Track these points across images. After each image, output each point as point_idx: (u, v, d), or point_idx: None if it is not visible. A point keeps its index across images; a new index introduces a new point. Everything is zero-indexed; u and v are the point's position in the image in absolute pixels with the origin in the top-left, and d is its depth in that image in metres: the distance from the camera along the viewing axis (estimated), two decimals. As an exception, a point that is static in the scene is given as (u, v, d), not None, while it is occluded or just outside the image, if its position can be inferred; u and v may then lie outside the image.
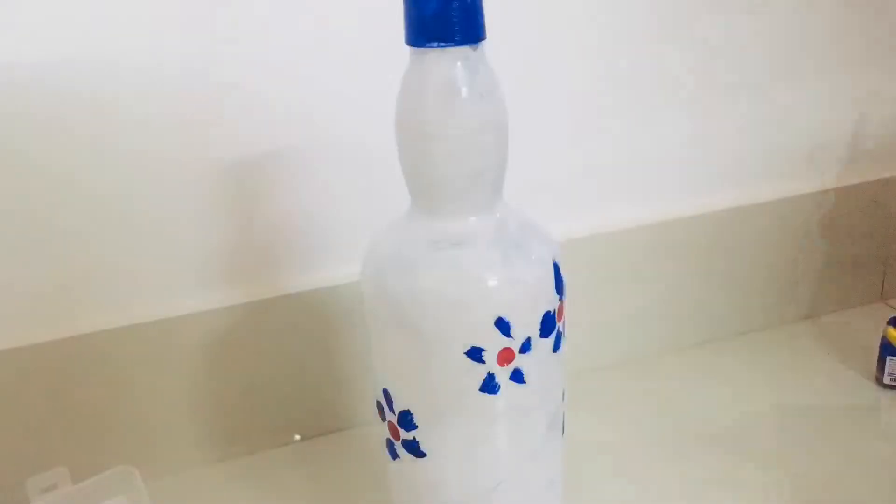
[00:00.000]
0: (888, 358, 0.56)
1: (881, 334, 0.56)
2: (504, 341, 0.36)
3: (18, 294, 0.48)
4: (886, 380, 0.57)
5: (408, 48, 0.34)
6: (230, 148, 0.49)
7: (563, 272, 0.38)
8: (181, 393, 0.51)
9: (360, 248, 0.39)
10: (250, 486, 0.51)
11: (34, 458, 0.48)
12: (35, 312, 0.48)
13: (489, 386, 0.36)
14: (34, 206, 0.46)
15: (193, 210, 0.49)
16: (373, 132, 0.50)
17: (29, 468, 0.43)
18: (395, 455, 0.40)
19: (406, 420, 0.38)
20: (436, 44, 0.33)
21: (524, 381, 0.37)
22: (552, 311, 0.37)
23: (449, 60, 0.33)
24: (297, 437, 0.53)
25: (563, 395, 0.41)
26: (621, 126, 0.57)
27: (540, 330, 0.37)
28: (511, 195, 0.39)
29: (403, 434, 0.38)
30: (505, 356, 0.36)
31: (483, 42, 0.34)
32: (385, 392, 0.38)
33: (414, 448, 0.38)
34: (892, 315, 0.57)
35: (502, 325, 0.35)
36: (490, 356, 0.36)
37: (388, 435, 0.40)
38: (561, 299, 0.38)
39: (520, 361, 0.36)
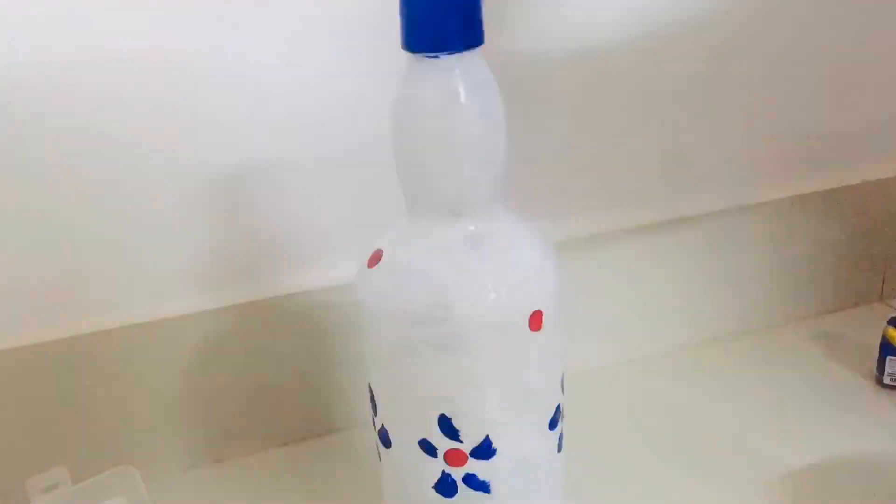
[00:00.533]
0: (888, 358, 0.56)
1: (881, 334, 0.56)
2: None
3: (18, 294, 0.48)
4: (886, 380, 0.57)
5: (406, 54, 0.33)
6: (228, 150, 0.49)
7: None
8: (181, 393, 0.51)
9: (357, 249, 0.39)
10: (250, 487, 0.51)
11: (34, 458, 0.48)
12: (35, 312, 0.48)
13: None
14: (34, 207, 0.46)
15: (191, 211, 0.49)
16: (369, 135, 0.50)
17: (29, 468, 0.43)
18: (451, 492, 0.38)
19: (484, 449, 0.36)
20: (441, 51, 0.32)
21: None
22: None
23: (451, 66, 0.33)
24: None
25: None
26: (622, 126, 0.57)
27: None
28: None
29: (475, 467, 0.37)
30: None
31: (482, 46, 0.33)
32: (444, 420, 0.36)
33: (482, 484, 0.37)
34: (892, 315, 0.57)
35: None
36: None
37: (444, 468, 0.37)
38: None
39: None
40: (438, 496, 0.38)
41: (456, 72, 0.33)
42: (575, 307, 0.58)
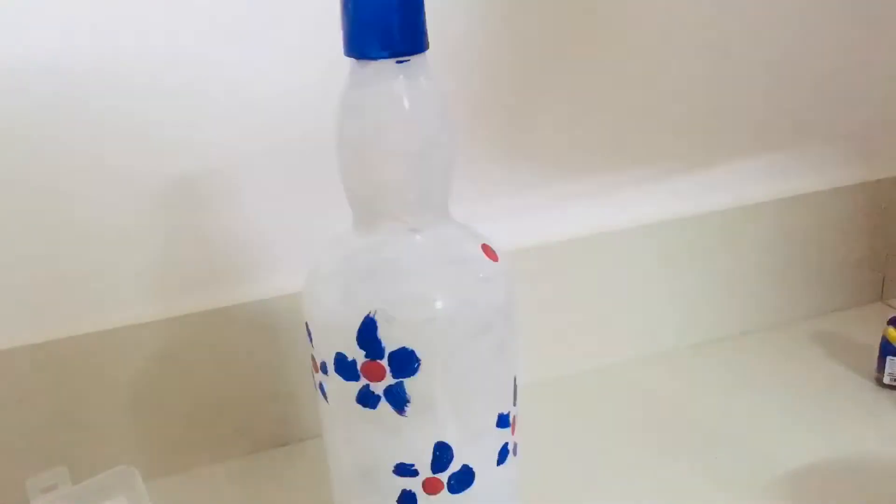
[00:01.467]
0: (888, 358, 0.56)
1: (881, 334, 0.56)
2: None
3: (18, 294, 0.48)
4: (886, 380, 0.57)
5: (348, 59, 0.32)
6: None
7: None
8: (181, 393, 0.51)
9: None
10: (250, 487, 0.51)
11: (34, 458, 0.48)
12: (35, 312, 0.48)
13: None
14: (35, 208, 0.46)
15: (192, 211, 0.49)
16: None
17: (29, 468, 0.43)
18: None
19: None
20: (382, 55, 0.31)
21: None
22: None
23: (394, 72, 0.32)
24: None
25: None
26: (622, 126, 0.57)
27: None
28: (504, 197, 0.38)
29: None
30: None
31: (427, 52, 0.33)
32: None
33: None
34: (892, 315, 0.57)
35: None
36: None
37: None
38: None
39: None
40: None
41: (399, 78, 0.32)
42: (573, 306, 0.59)
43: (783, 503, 0.47)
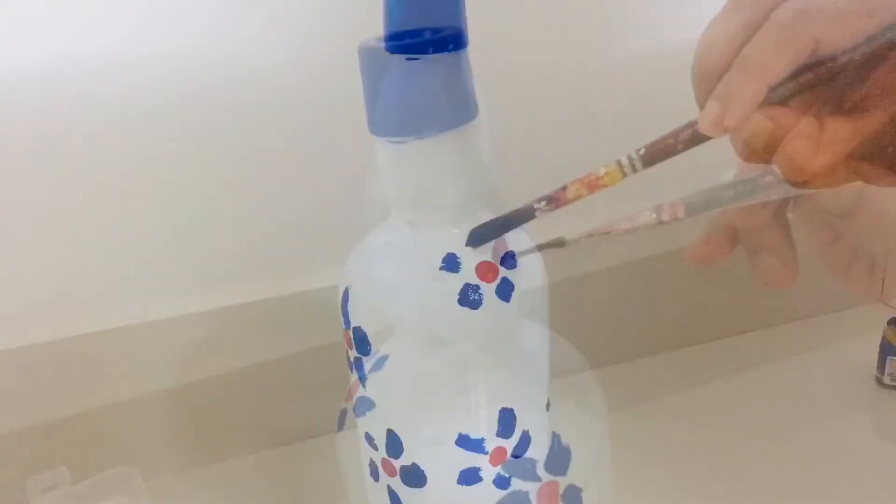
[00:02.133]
0: (888, 358, 0.56)
1: (881, 334, 0.56)
2: None
3: (18, 294, 0.48)
4: (886, 380, 0.57)
5: (388, 54, 0.32)
6: (225, 150, 0.49)
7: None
8: (181, 393, 0.51)
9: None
10: (250, 487, 0.51)
11: (34, 458, 0.48)
12: (35, 312, 0.48)
13: None
14: (34, 207, 0.46)
15: (190, 212, 0.49)
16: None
17: (29, 468, 0.43)
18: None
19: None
20: (422, 52, 0.31)
21: None
22: None
23: (434, 68, 0.32)
24: None
25: None
26: (621, 126, 0.57)
27: None
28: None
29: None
30: None
31: (466, 49, 0.33)
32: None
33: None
34: (892, 315, 0.57)
35: None
36: None
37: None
38: None
39: None
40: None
41: (442, 73, 0.32)
42: (571, 306, 0.59)
43: (783, 503, 0.48)
